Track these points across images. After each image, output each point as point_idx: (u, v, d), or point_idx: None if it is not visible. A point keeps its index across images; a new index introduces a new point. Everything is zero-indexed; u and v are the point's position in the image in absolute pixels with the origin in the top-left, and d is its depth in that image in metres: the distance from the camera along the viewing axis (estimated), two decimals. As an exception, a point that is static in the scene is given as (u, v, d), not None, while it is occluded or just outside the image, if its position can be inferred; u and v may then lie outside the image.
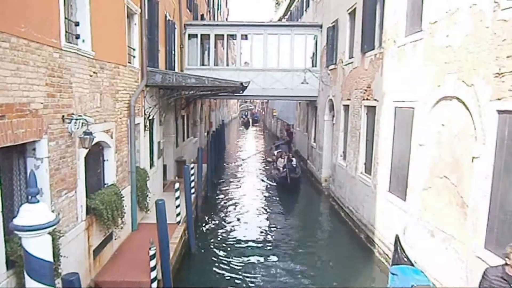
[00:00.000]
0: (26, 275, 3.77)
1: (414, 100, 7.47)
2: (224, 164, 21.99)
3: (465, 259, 5.73)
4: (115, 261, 7.24)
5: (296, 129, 23.61)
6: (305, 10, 20.19)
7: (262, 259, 9.10)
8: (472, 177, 5.65)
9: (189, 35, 15.98)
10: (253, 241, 10.29)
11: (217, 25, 17.60)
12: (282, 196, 15.02)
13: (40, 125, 4.90)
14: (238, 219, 12.13)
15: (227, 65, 19.36)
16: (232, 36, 17.42)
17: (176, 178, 13.59)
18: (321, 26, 15.72)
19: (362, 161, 10.67)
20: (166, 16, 12.10)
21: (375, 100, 9.57)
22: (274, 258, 9.17)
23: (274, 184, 16.67)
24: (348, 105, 11.97)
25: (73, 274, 4.00)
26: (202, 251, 9.41)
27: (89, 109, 6.38)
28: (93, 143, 6.07)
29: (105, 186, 7.35)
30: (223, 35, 16.67)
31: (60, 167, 5.47)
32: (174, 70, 13.24)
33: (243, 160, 21.40)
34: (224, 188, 16.23)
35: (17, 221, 3.66)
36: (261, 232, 11.05)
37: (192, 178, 11.33)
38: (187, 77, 9.92)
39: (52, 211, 4.90)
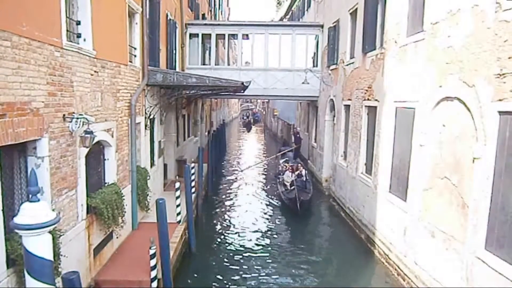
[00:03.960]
0: (26, 274, 3.77)
1: (415, 100, 7.46)
2: (225, 164, 21.99)
3: (466, 260, 5.72)
4: (116, 260, 7.24)
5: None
6: (307, 10, 20.18)
7: (262, 258, 9.10)
8: (473, 178, 5.64)
9: (190, 34, 15.99)
10: (253, 240, 10.28)
11: (218, 24, 17.59)
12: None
13: (41, 124, 4.90)
14: (238, 219, 12.13)
15: (228, 64, 19.42)
16: (233, 36, 17.42)
17: (177, 177, 13.59)
18: (322, 26, 15.71)
19: (362, 161, 10.66)
20: (167, 16, 12.10)
21: (376, 100, 9.56)
22: (274, 257, 9.17)
23: (277, 185, 14.91)
24: (349, 105, 11.96)
25: (73, 273, 4.00)
26: (203, 250, 9.40)
27: (90, 108, 6.38)
28: (94, 142, 6.07)
29: (106, 185, 7.35)
30: (224, 34, 16.67)
31: (61, 166, 5.47)
32: (175, 69, 13.24)
33: (244, 169, 18.91)
34: (225, 188, 16.23)
35: (18, 220, 3.66)
36: (261, 231, 11.04)
37: (193, 177, 11.33)
38: (188, 76, 9.91)
39: (53, 210, 4.90)
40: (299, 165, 15.25)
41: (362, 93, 10.64)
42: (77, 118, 5.70)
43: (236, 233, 10.86)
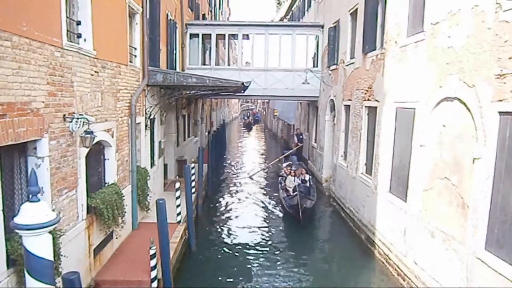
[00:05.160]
0: (26, 274, 3.78)
1: (415, 100, 7.46)
2: (225, 164, 21.98)
3: (465, 260, 5.72)
4: (116, 260, 7.25)
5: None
6: (307, 10, 20.17)
7: (262, 258, 9.10)
8: (472, 178, 5.64)
9: (190, 34, 15.99)
10: (252, 240, 10.28)
11: (218, 24, 17.60)
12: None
13: (41, 124, 4.91)
14: (238, 219, 12.12)
15: (228, 64, 19.38)
16: (234, 36, 17.41)
17: (177, 177, 13.59)
18: (322, 26, 15.71)
19: (363, 161, 10.66)
20: (167, 16, 12.11)
21: (376, 100, 9.56)
22: (274, 257, 9.17)
23: (279, 189, 14.10)
24: (349, 106, 11.96)
25: (74, 273, 4.00)
26: (202, 250, 9.41)
27: (90, 108, 6.39)
28: (94, 142, 6.07)
29: (106, 185, 7.35)
30: (224, 34, 16.67)
31: (61, 166, 5.48)
32: (175, 69, 13.24)
33: (252, 175, 18.26)
34: (225, 188, 16.22)
35: (18, 220, 3.66)
36: (261, 231, 11.03)
37: (193, 177, 11.34)
38: (188, 76, 9.92)
39: (53, 210, 4.91)
40: (303, 170, 14.47)
41: (362, 93, 10.63)
42: (77, 118, 5.70)
43: (236, 233, 10.85)
